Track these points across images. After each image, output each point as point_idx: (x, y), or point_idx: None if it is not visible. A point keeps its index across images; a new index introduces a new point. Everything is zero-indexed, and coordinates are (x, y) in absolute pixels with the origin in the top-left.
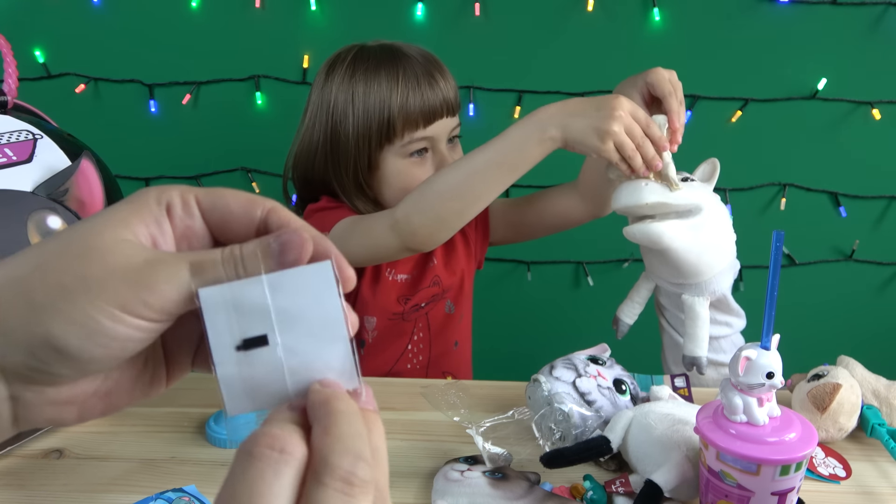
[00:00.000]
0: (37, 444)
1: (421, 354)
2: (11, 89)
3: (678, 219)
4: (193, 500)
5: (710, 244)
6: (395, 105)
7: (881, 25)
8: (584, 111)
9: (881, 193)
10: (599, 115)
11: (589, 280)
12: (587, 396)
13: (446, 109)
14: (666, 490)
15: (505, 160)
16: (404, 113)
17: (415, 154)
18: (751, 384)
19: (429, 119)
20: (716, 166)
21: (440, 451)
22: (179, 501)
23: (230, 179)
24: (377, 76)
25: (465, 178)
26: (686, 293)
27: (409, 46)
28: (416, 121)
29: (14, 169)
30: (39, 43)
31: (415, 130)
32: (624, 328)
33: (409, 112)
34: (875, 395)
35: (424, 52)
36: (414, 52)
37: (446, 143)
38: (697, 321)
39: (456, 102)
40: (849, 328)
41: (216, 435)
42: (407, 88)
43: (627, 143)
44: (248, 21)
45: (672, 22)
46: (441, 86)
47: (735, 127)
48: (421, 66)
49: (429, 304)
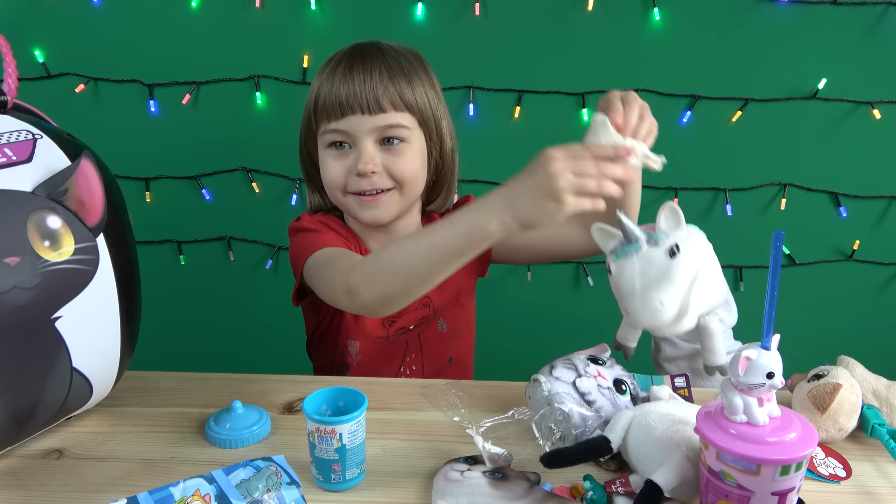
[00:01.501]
0: (37, 444)
1: (414, 376)
2: (11, 89)
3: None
4: (280, 469)
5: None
6: (315, 94)
7: (881, 25)
8: (524, 186)
9: (881, 193)
10: (539, 180)
11: (589, 280)
12: (587, 396)
13: (360, 106)
14: (666, 490)
15: (453, 249)
16: (319, 102)
17: (332, 146)
18: (751, 384)
19: (337, 112)
20: (676, 210)
21: (440, 451)
22: (267, 470)
23: (230, 179)
24: (324, 69)
25: (412, 261)
26: None
27: (389, 45)
28: (326, 111)
29: (14, 169)
30: (39, 43)
31: (328, 121)
32: (630, 352)
33: (321, 102)
34: (875, 395)
35: (396, 50)
36: (383, 49)
37: (373, 143)
38: (713, 337)
39: (386, 101)
40: (849, 328)
41: (216, 435)
42: (331, 79)
43: (584, 183)
44: (248, 21)
45: (672, 22)
46: (358, 80)
47: (735, 127)
48: (359, 60)
49: (418, 326)
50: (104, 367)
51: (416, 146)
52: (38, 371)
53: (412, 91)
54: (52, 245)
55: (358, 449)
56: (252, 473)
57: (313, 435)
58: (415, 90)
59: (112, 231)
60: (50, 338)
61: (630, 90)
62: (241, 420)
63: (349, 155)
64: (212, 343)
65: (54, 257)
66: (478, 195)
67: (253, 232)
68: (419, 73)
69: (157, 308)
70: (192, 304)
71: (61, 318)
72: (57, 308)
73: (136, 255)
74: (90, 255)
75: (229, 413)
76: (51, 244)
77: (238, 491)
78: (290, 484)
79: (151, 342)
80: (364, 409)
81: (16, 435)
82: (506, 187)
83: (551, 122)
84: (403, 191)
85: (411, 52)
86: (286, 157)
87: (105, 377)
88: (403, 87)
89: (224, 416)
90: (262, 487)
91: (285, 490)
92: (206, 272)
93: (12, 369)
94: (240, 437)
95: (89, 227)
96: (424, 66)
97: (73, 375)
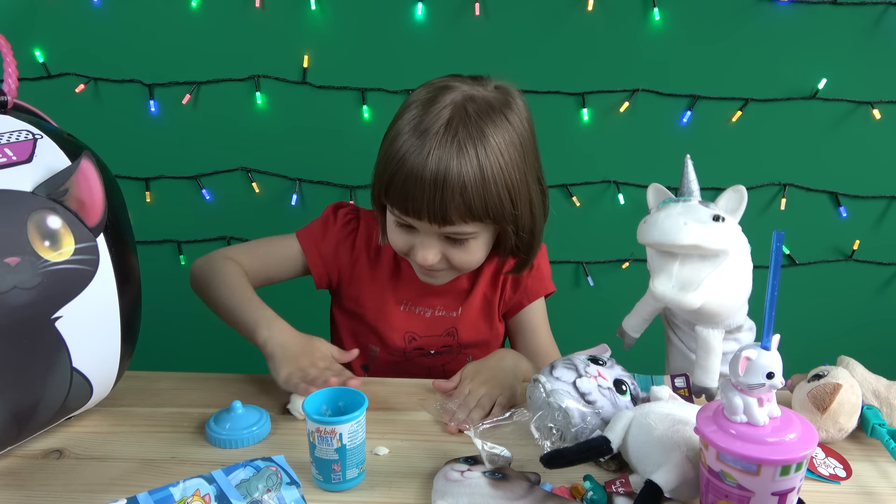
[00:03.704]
0: (37, 444)
1: None
2: (11, 89)
3: (703, 263)
4: (280, 469)
5: (733, 288)
6: (389, 157)
7: (881, 25)
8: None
9: (881, 193)
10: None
11: (589, 280)
12: (587, 396)
13: (425, 216)
14: (666, 490)
15: (236, 325)
16: (388, 178)
17: (402, 223)
18: (751, 384)
19: (404, 208)
20: (743, 195)
21: (440, 451)
22: (267, 470)
23: (230, 179)
24: (410, 123)
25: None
26: (700, 325)
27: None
28: (394, 198)
29: (14, 169)
30: (39, 43)
31: (394, 205)
32: (630, 341)
33: (389, 181)
34: (875, 396)
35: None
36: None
37: (438, 238)
38: (711, 354)
39: (455, 215)
40: (849, 328)
41: (216, 435)
42: (409, 156)
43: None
44: (248, 21)
45: (672, 22)
46: (428, 187)
47: (735, 127)
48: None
49: (441, 353)
50: (104, 367)
51: (484, 238)
52: (38, 371)
53: (484, 203)
54: (52, 245)
55: (358, 449)
56: (252, 473)
57: (313, 435)
58: (488, 201)
59: (112, 231)
60: (50, 338)
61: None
62: (242, 420)
63: (414, 234)
64: (212, 343)
65: (54, 257)
66: None
67: (253, 232)
68: (502, 165)
69: (157, 308)
70: (192, 304)
71: (61, 318)
72: (57, 308)
73: (136, 255)
74: (90, 255)
75: (229, 413)
76: (51, 244)
77: (238, 491)
78: (290, 484)
79: (151, 342)
80: (364, 409)
81: (16, 435)
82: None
83: (551, 122)
84: (463, 270)
85: (503, 127)
86: (286, 157)
87: (105, 377)
88: (475, 202)
89: (224, 416)
90: (262, 487)
91: (285, 490)
92: None
93: (12, 369)
94: (240, 437)
95: (89, 227)
96: (520, 143)
97: (73, 375)
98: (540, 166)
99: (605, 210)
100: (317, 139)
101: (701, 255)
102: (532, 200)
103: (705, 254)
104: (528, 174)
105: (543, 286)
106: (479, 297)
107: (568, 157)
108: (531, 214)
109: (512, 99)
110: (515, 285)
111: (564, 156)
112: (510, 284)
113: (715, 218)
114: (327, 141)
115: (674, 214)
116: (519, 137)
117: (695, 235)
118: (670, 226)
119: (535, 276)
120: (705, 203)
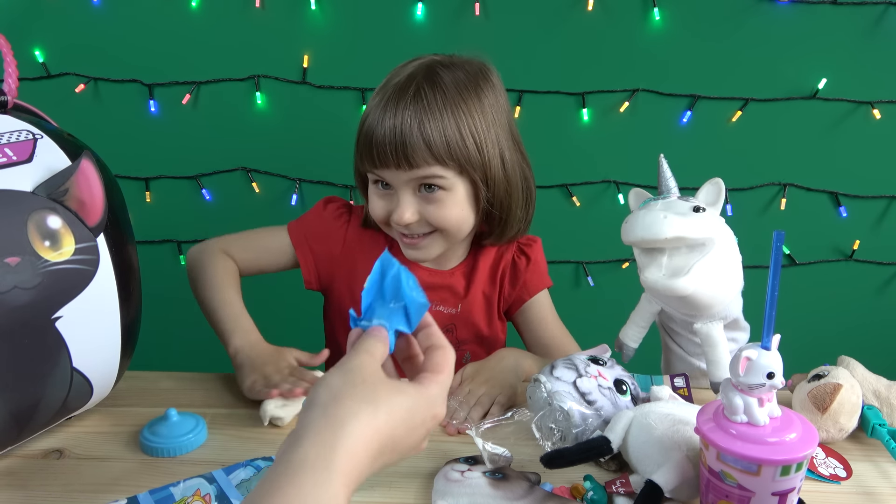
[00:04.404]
0: (37, 444)
1: None
2: (11, 89)
3: (690, 253)
4: None
5: (724, 277)
6: (361, 123)
7: (881, 25)
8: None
9: (881, 193)
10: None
11: (589, 280)
12: (588, 396)
13: (391, 160)
14: (666, 490)
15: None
16: (360, 139)
17: (376, 183)
18: (751, 384)
19: (374, 161)
20: (721, 188)
21: (440, 451)
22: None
23: (230, 179)
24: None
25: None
26: (699, 321)
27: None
28: (367, 156)
29: (14, 169)
30: (39, 43)
31: (369, 164)
32: (629, 352)
33: (362, 141)
34: (875, 396)
35: (441, 83)
36: (425, 83)
37: (412, 192)
38: (717, 347)
39: (417, 156)
40: (849, 328)
41: (149, 444)
42: (374, 114)
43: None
44: (248, 21)
45: (672, 22)
46: (388, 130)
47: (735, 127)
48: (394, 101)
49: None
50: (104, 367)
51: (459, 194)
52: (38, 371)
53: (445, 139)
54: (52, 245)
55: None
56: (252, 473)
57: None
58: (449, 137)
59: (112, 231)
60: (50, 338)
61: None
62: (176, 428)
63: (391, 196)
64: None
65: (54, 257)
66: None
67: None
68: (465, 106)
69: (157, 308)
70: (192, 304)
71: (61, 318)
72: (57, 308)
73: (137, 255)
74: (90, 255)
75: (164, 421)
76: (51, 244)
77: (238, 491)
78: None
79: (151, 342)
80: None
81: (16, 435)
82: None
83: (551, 122)
84: (445, 235)
85: (468, 76)
86: (286, 157)
87: (105, 377)
88: (435, 137)
89: (159, 425)
90: None
91: None
92: None
93: (12, 369)
94: (174, 446)
95: (89, 227)
96: (480, 90)
97: (73, 375)
98: (517, 133)
99: (605, 210)
100: (317, 139)
101: (688, 246)
102: (504, 156)
103: (691, 244)
104: (496, 126)
105: (543, 280)
106: (479, 294)
107: (568, 157)
108: (503, 169)
109: (483, 65)
110: (514, 280)
111: (564, 156)
112: (508, 280)
113: (695, 209)
114: (327, 141)
115: (654, 211)
116: (484, 91)
117: (676, 227)
118: (651, 222)
119: (534, 269)
120: (685, 198)
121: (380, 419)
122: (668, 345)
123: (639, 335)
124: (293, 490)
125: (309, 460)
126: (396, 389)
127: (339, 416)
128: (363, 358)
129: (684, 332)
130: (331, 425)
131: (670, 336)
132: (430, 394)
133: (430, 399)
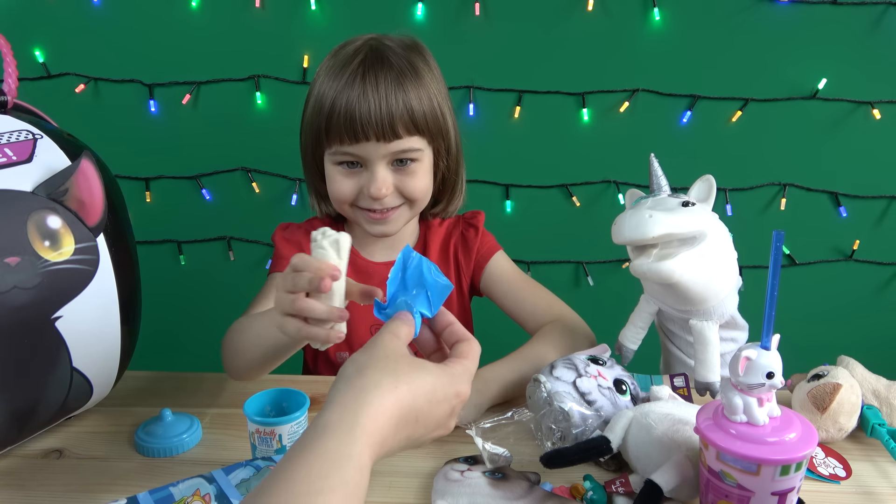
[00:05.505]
0: (37, 444)
1: None
2: (11, 89)
3: (682, 247)
4: None
5: (717, 270)
6: (325, 104)
7: (881, 25)
8: None
9: (881, 193)
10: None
11: (589, 280)
12: (587, 396)
13: (375, 133)
14: (666, 490)
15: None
16: (332, 120)
17: (343, 164)
18: (751, 384)
19: (352, 136)
20: (712, 184)
21: (440, 451)
22: (267, 469)
23: (230, 179)
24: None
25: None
26: (694, 318)
27: (394, 46)
28: (339, 134)
29: (14, 169)
30: (39, 43)
31: (340, 143)
32: (629, 354)
33: (334, 120)
34: (875, 395)
35: (403, 55)
36: (391, 57)
37: (386, 166)
38: (708, 347)
39: (401, 127)
40: (849, 328)
41: (144, 444)
42: (342, 92)
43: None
44: (248, 21)
45: (672, 22)
46: (373, 103)
47: (735, 127)
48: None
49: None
50: (104, 367)
51: (427, 163)
52: (38, 371)
53: (423, 109)
54: (52, 245)
55: None
56: (252, 473)
57: (254, 436)
58: (425, 107)
59: (112, 231)
60: (50, 338)
61: None
62: (171, 428)
63: (360, 174)
64: (212, 343)
65: (54, 257)
66: (478, 195)
67: (253, 232)
68: (425, 77)
69: (157, 308)
70: (192, 304)
71: (61, 318)
72: (57, 308)
73: (136, 255)
74: (90, 255)
75: (159, 421)
76: (51, 244)
77: (238, 490)
78: None
79: (151, 342)
80: (305, 409)
81: (16, 435)
82: None
83: (551, 122)
84: (412, 206)
85: (413, 50)
86: (286, 157)
87: (105, 377)
88: (415, 107)
89: (154, 425)
90: None
91: None
92: (206, 272)
93: (12, 369)
94: (169, 446)
95: (89, 227)
96: (427, 62)
97: (73, 375)
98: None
99: (605, 210)
100: None
101: (678, 240)
102: (454, 130)
103: (681, 238)
104: (447, 95)
105: (495, 245)
106: None
107: (568, 157)
108: (455, 145)
109: (413, 38)
110: (467, 251)
111: (564, 156)
112: (462, 252)
113: (684, 204)
114: None
115: (640, 210)
116: (429, 62)
117: (662, 226)
118: (637, 222)
119: (484, 237)
120: (676, 195)
121: (401, 389)
122: (667, 346)
123: (638, 337)
124: (320, 448)
125: (333, 423)
126: (419, 366)
127: (362, 386)
128: (387, 337)
129: (682, 334)
130: (354, 394)
131: (668, 338)
132: (453, 372)
133: (452, 376)
